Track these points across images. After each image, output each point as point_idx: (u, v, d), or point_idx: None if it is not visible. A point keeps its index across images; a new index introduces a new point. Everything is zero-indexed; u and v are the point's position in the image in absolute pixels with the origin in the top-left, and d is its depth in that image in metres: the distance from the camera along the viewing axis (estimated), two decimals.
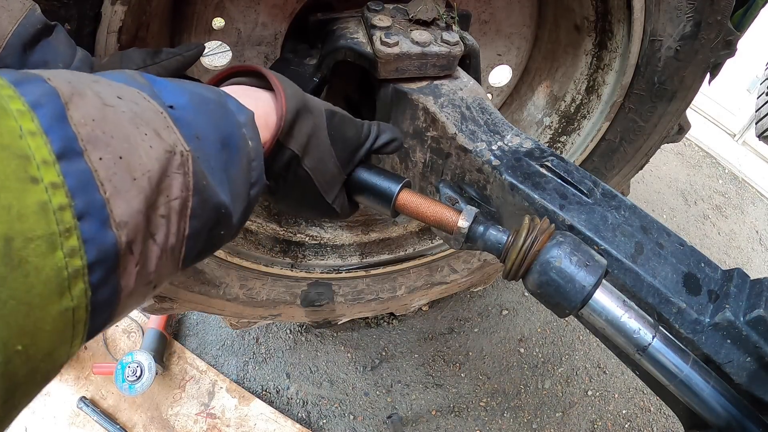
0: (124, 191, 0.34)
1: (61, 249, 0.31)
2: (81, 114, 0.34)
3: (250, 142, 0.50)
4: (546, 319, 2.37)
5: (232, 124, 0.49)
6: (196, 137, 0.43)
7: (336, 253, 1.53)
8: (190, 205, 0.41)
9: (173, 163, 0.39)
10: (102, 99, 0.36)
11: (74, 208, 0.32)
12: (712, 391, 0.65)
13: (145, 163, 0.36)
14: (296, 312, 1.59)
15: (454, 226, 0.72)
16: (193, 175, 0.41)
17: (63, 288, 0.31)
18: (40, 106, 0.32)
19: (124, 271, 0.35)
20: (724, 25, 1.17)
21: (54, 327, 0.31)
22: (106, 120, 0.35)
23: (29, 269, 0.29)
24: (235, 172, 0.47)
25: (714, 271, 0.76)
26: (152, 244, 0.37)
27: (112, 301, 0.35)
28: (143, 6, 0.92)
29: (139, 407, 1.88)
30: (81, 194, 0.32)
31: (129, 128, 0.37)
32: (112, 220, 0.34)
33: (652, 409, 2.19)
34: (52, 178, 0.31)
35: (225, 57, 1.27)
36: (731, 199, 3.32)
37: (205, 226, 0.44)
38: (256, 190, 0.52)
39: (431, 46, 0.96)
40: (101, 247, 0.33)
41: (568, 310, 0.66)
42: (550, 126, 1.54)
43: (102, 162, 0.34)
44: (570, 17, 1.38)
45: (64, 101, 0.34)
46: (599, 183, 0.84)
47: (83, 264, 0.32)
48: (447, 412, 2.05)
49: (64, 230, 0.31)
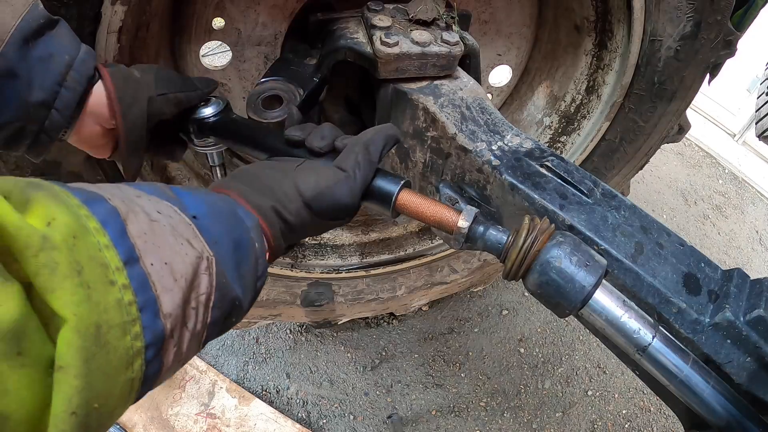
0: (168, 290, 0.44)
1: (129, 334, 0.40)
2: (136, 228, 0.44)
3: (256, 243, 0.59)
4: (546, 319, 2.37)
5: (241, 229, 0.57)
6: (215, 242, 0.52)
7: (336, 253, 1.53)
8: (213, 299, 0.50)
9: (201, 266, 0.48)
10: (148, 215, 0.46)
11: (137, 304, 0.41)
12: (712, 391, 0.65)
13: (182, 267, 0.46)
14: (296, 312, 1.59)
15: (454, 226, 0.72)
16: (216, 275, 0.50)
17: (129, 363, 0.40)
18: (108, 223, 0.42)
19: (167, 351, 0.45)
20: (724, 25, 1.17)
21: (120, 392, 0.40)
22: (154, 233, 0.45)
23: (110, 348, 0.38)
24: (246, 269, 0.56)
25: (714, 271, 0.76)
26: (186, 330, 0.47)
27: (157, 374, 0.45)
28: (143, 6, 0.92)
29: (139, 407, 1.88)
30: (141, 293, 0.42)
31: (170, 239, 0.46)
32: (161, 312, 0.43)
33: (652, 409, 2.19)
34: (123, 281, 0.40)
35: (225, 57, 1.27)
36: (731, 199, 3.32)
37: (223, 315, 0.52)
38: (261, 282, 0.60)
39: (431, 46, 0.96)
40: (154, 333, 0.42)
41: (568, 310, 0.66)
42: (550, 126, 1.54)
43: (153, 267, 0.43)
44: (570, 17, 1.38)
45: (123, 218, 0.43)
46: (599, 183, 0.84)
47: (142, 345, 0.41)
48: (447, 412, 2.05)
49: (132, 320, 0.40)
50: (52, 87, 0.68)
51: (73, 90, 0.70)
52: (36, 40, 0.66)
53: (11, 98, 0.66)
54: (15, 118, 0.67)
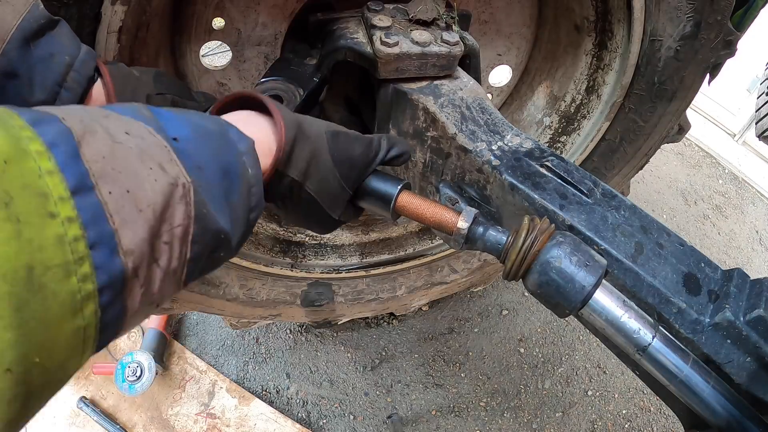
0: (130, 222, 0.38)
1: (75, 275, 0.35)
2: (92, 151, 0.38)
3: (249, 169, 0.53)
4: (546, 319, 2.37)
5: (232, 153, 0.52)
6: (198, 168, 0.46)
7: (336, 253, 1.53)
8: (192, 232, 0.44)
9: (176, 194, 0.43)
10: (111, 136, 0.40)
11: (87, 239, 0.35)
12: (712, 391, 0.65)
13: (150, 195, 0.40)
14: (296, 312, 1.59)
15: (453, 227, 0.72)
16: (194, 205, 0.44)
17: (76, 309, 0.35)
18: (56, 145, 0.36)
19: (130, 293, 0.39)
20: (724, 25, 1.17)
21: (67, 343, 0.35)
22: (115, 156, 0.39)
23: (47, 293, 0.33)
24: (236, 198, 0.51)
25: (714, 271, 0.76)
26: (156, 268, 0.41)
27: (119, 319, 0.39)
28: (143, 6, 0.92)
29: (139, 407, 1.88)
30: (93, 226, 0.36)
31: (136, 163, 0.40)
32: (120, 249, 0.37)
33: (652, 409, 2.19)
34: (67, 212, 0.35)
35: (225, 57, 1.27)
36: (731, 199, 3.32)
37: (206, 250, 0.47)
38: (255, 213, 0.55)
39: (431, 46, 0.96)
40: (110, 273, 0.37)
41: (568, 310, 0.66)
42: (550, 126, 1.54)
43: (111, 195, 0.37)
44: (570, 17, 1.38)
45: (77, 140, 0.37)
46: (599, 183, 0.84)
47: (94, 288, 0.36)
48: (447, 412, 2.05)
49: (78, 259, 0.35)
50: (53, 87, 0.68)
51: (73, 90, 0.70)
52: (37, 40, 0.66)
53: (12, 98, 0.66)
54: None
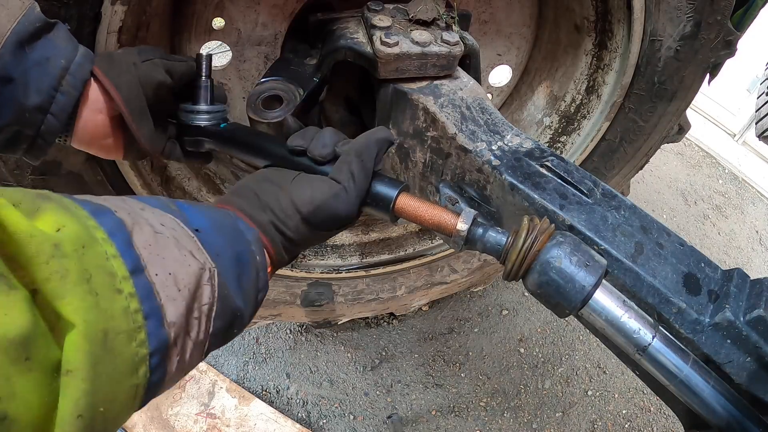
0: (173, 299, 0.45)
1: (135, 341, 0.41)
2: (141, 240, 0.45)
3: (257, 257, 0.60)
4: (546, 319, 2.37)
5: (243, 243, 0.59)
6: (217, 255, 0.53)
7: (336, 253, 1.53)
8: (215, 309, 0.51)
9: (204, 277, 0.50)
10: (152, 227, 0.48)
11: (143, 312, 0.42)
12: (712, 391, 0.65)
13: (186, 278, 0.47)
14: (296, 312, 1.59)
15: (452, 229, 0.72)
16: (218, 286, 0.51)
17: (134, 369, 0.41)
18: (114, 234, 0.43)
19: (170, 359, 0.46)
20: (724, 25, 1.17)
21: (125, 397, 0.41)
22: (158, 244, 0.47)
23: (116, 353, 0.39)
24: (246, 282, 0.57)
25: (714, 271, 0.76)
26: (188, 339, 0.48)
27: (161, 381, 0.46)
28: (143, 6, 0.92)
29: None
30: (146, 301, 0.43)
31: (174, 251, 0.48)
32: (165, 321, 0.44)
33: (652, 409, 2.19)
34: (129, 289, 0.42)
35: (225, 57, 1.27)
36: (731, 199, 3.32)
37: (224, 325, 0.54)
38: (263, 294, 0.61)
39: (431, 46, 0.96)
40: (158, 341, 0.44)
41: (568, 310, 0.66)
42: (550, 126, 1.54)
43: (158, 277, 0.45)
44: (570, 17, 1.38)
45: (128, 230, 0.45)
46: (599, 183, 0.84)
47: (147, 352, 0.42)
48: (447, 412, 2.05)
49: (137, 327, 0.42)
50: (48, 91, 0.67)
51: (68, 94, 0.70)
52: (32, 43, 0.66)
53: (7, 102, 0.66)
54: (11, 122, 0.67)
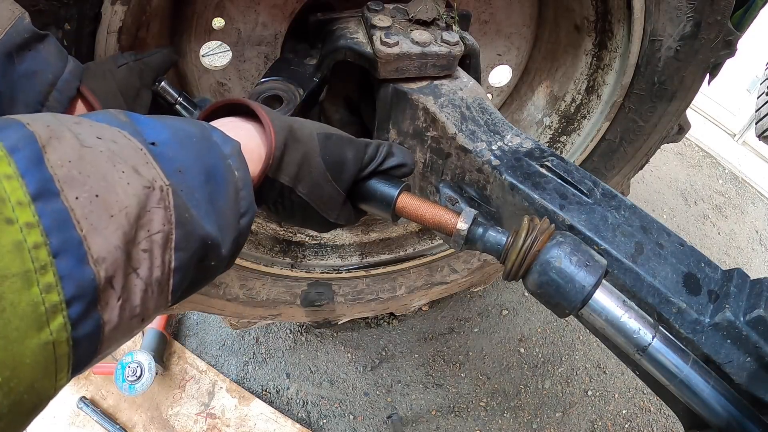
0: (101, 228, 0.36)
1: (37, 285, 0.32)
2: (58, 156, 0.36)
3: (236, 172, 0.51)
4: (546, 319, 2.37)
5: (216, 156, 0.50)
6: (178, 171, 0.44)
7: (336, 253, 1.53)
8: (174, 238, 0.42)
9: (152, 198, 0.40)
10: (80, 140, 0.38)
11: (50, 246, 0.33)
12: (712, 391, 0.65)
13: (122, 199, 0.38)
14: (296, 312, 1.59)
15: (453, 228, 0.72)
16: (174, 209, 0.42)
17: (41, 322, 0.32)
18: (18, 150, 0.34)
19: (106, 305, 0.36)
20: (724, 25, 1.17)
21: (34, 360, 0.32)
22: (82, 160, 0.37)
23: (5, 305, 0.30)
24: (222, 203, 0.48)
25: (714, 271, 0.76)
26: (135, 278, 0.39)
27: (96, 335, 0.36)
28: (143, 6, 0.92)
29: (139, 407, 1.88)
30: (56, 233, 0.34)
31: (106, 167, 0.38)
32: (90, 257, 0.35)
33: (652, 409, 2.19)
34: (26, 218, 0.33)
35: (225, 57, 1.27)
36: (731, 199, 3.32)
37: (192, 258, 0.44)
38: (247, 219, 0.53)
39: (431, 46, 0.96)
40: (79, 283, 0.34)
41: (568, 310, 0.66)
42: (550, 126, 1.54)
43: (78, 201, 0.35)
44: (570, 17, 1.38)
45: (41, 144, 0.35)
46: (599, 183, 0.84)
47: (61, 299, 0.33)
48: (447, 412, 2.05)
49: (40, 267, 0.32)
50: (35, 106, 0.67)
51: (54, 110, 0.69)
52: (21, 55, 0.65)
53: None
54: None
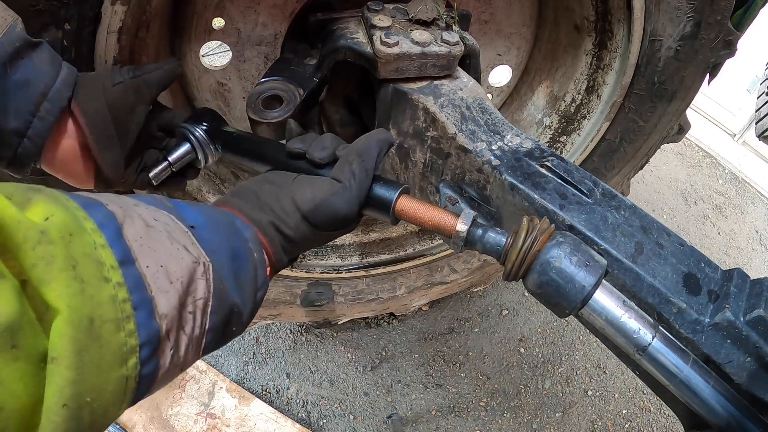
0: (164, 291, 0.45)
1: (123, 330, 0.41)
2: (132, 232, 0.45)
3: (255, 254, 0.60)
4: (546, 319, 2.37)
5: (239, 239, 0.59)
6: (212, 251, 0.53)
7: (336, 253, 1.53)
8: (211, 304, 0.51)
9: (198, 271, 0.49)
10: (144, 221, 0.48)
11: (132, 302, 0.42)
12: (712, 391, 0.65)
13: (178, 271, 0.47)
14: (296, 312, 1.59)
15: (452, 230, 0.72)
16: (213, 281, 0.51)
17: (123, 360, 0.41)
18: (104, 226, 0.43)
19: (163, 353, 0.45)
20: (724, 25, 1.17)
21: (113, 389, 0.40)
22: (150, 237, 0.46)
23: (103, 342, 0.39)
24: (244, 278, 0.57)
25: (714, 271, 0.76)
26: (182, 333, 0.48)
27: (153, 375, 0.45)
28: (143, 6, 0.92)
29: (139, 407, 1.88)
30: (136, 292, 0.42)
31: (166, 243, 0.48)
32: (156, 313, 0.44)
33: (652, 409, 2.19)
34: (117, 279, 0.41)
35: (225, 57, 1.27)
36: (731, 199, 3.32)
37: (221, 322, 0.53)
38: (262, 293, 0.61)
39: (431, 46, 0.96)
40: (149, 332, 0.43)
41: (568, 310, 0.66)
42: (550, 126, 1.54)
43: (149, 269, 0.44)
44: (570, 17, 1.38)
45: (119, 222, 0.45)
46: (599, 183, 0.84)
47: (137, 343, 0.42)
48: (447, 412, 2.05)
49: (125, 317, 0.41)
50: (26, 116, 0.67)
51: (45, 120, 0.69)
52: (14, 63, 0.65)
53: None
54: None
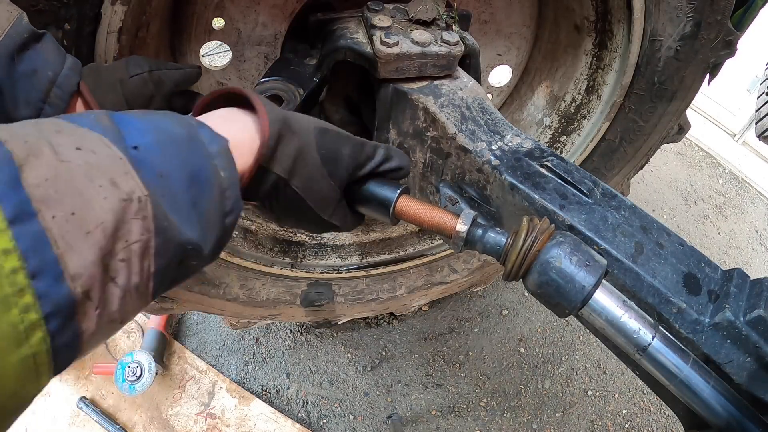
0: (77, 245, 0.37)
1: (15, 307, 0.34)
2: (35, 175, 0.36)
3: (222, 172, 0.51)
4: (546, 319, 2.37)
5: (201, 157, 0.50)
6: (159, 176, 0.45)
7: (336, 253, 1.53)
8: (153, 245, 0.43)
9: (130, 209, 0.41)
10: (58, 154, 0.38)
11: (27, 269, 0.34)
12: (712, 391, 0.65)
13: (98, 215, 0.39)
14: (296, 312, 1.59)
15: (452, 230, 0.72)
16: (153, 219, 0.43)
17: (20, 340, 0.34)
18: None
19: (84, 316, 0.38)
20: (724, 25, 1.17)
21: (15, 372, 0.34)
22: (59, 178, 0.38)
23: None
24: (206, 204, 0.49)
25: (714, 271, 0.76)
26: (113, 287, 0.40)
27: (75, 342, 0.39)
28: (143, 6, 0.92)
29: (139, 407, 1.88)
30: (34, 255, 0.35)
31: (83, 183, 0.39)
32: (66, 274, 0.36)
33: (652, 409, 2.19)
34: (3, 245, 0.34)
35: (225, 57, 1.27)
36: (731, 199, 3.32)
37: (172, 261, 0.46)
38: (232, 218, 0.53)
39: (431, 46, 0.96)
40: (55, 300, 0.36)
41: (568, 310, 0.66)
42: (550, 126, 1.54)
43: (55, 220, 0.36)
44: (570, 17, 1.38)
45: (18, 164, 0.36)
46: (599, 183, 0.84)
47: (39, 317, 0.35)
48: (447, 412, 2.05)
49: (17, 291, 0.34)
50: (37, 103, 0.68)
51: (55, 106, 0.69)
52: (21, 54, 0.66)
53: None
54: None
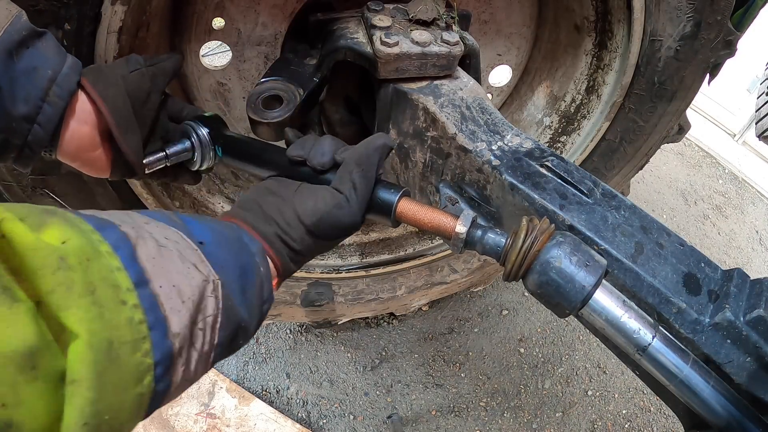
0: (177, 310, 0.47)
1: (139, 351, 0.42)
2: (145, 253, 0.47)
3: (261, 268, 0.62)
4: (546, 319, 2.37)
5: (247, 254, 0.60)
6: (221, 267, 0.54)
7: (336, 253, 1.54)
8: (220, 320, 0.52)
9: (208, 288, 0.51)
10: (156, 241, 0.49)
11: (147, 323, 0.43)
12: (712, 391, 0.65)
13: (189, 290, 0.49)
14: (296, 312, 1.59)
15: (451, 232, 0.73)
16: (222, 298, 0.53)
17: (139, 378, 0.43)
18: (119, 248, 0.45)
19: (175, 369, 0.47)
20: (724, 25, 1.17)
21: (130, 406, 0.42)
22: (162, 257, 0.48)
23: (121, 363, 0.41)
24: (251, 292, 0.59)
25: (714, 271, 0.76)
26: (193, 350, 0.49)
27: (166, 391, 0.47)
28: (143, 6, 0.92)
29: None
30: (151, 312, 0.44)
31: (178, 263, 0.49)
32: (170, 332, 0.45)
33: (652, 409, 2.19)
34: (133, 301, 0.43)
35: (225, 57, 1.27)
36: (731, 199, 3.32)
37: (229, 336, 0.55)
38: (267, 306, 0.63)
39: (431, 46, 0.96)
40: (163, 351, 0.45)
41: (568, 310, 0.66)
42: (550, 126, 1.54)
43: (162, 289, 0.46)
44: (570, 17, 1.38)
45: (133, 244, 0.46)
46: (599, 183, 0.84)
47: (152, 362, 0.44)
48: (447, 412, 2.05)
49: (141, 338, 0.43)
50: (35, 101, 0.67)
51: (55, 105, 0.70)
52: (20, 52, 0.66)
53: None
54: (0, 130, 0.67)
